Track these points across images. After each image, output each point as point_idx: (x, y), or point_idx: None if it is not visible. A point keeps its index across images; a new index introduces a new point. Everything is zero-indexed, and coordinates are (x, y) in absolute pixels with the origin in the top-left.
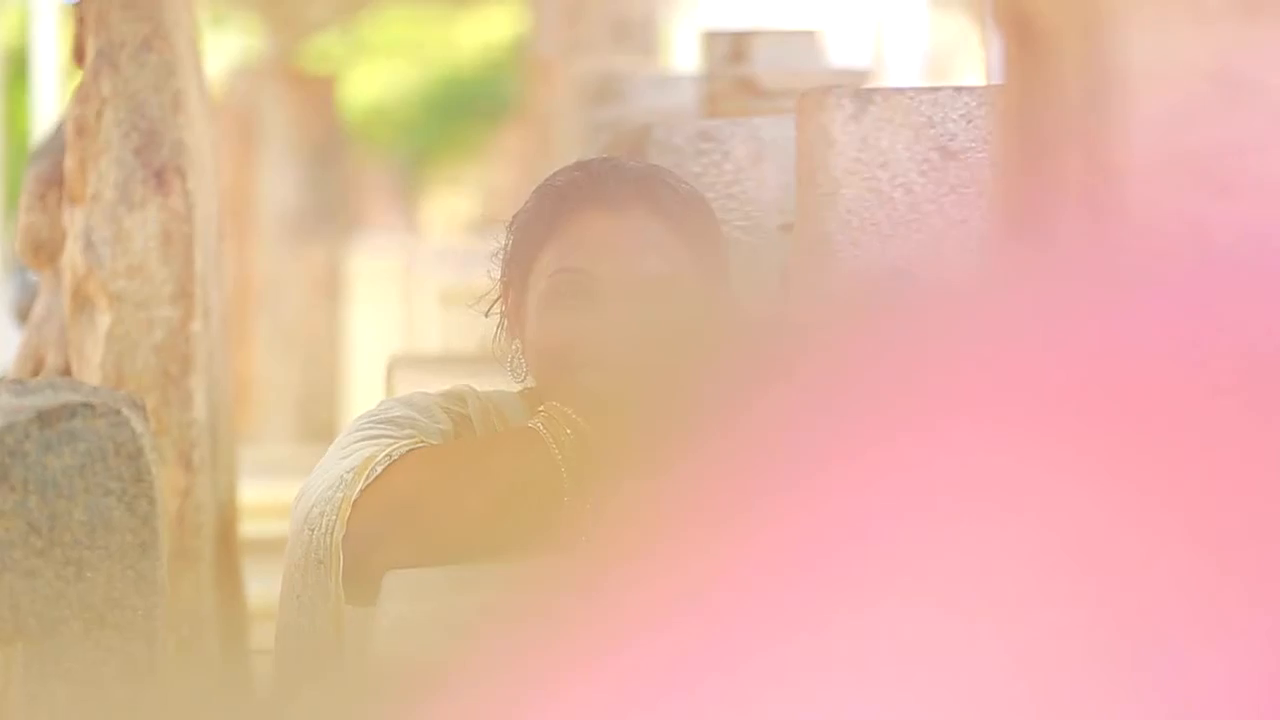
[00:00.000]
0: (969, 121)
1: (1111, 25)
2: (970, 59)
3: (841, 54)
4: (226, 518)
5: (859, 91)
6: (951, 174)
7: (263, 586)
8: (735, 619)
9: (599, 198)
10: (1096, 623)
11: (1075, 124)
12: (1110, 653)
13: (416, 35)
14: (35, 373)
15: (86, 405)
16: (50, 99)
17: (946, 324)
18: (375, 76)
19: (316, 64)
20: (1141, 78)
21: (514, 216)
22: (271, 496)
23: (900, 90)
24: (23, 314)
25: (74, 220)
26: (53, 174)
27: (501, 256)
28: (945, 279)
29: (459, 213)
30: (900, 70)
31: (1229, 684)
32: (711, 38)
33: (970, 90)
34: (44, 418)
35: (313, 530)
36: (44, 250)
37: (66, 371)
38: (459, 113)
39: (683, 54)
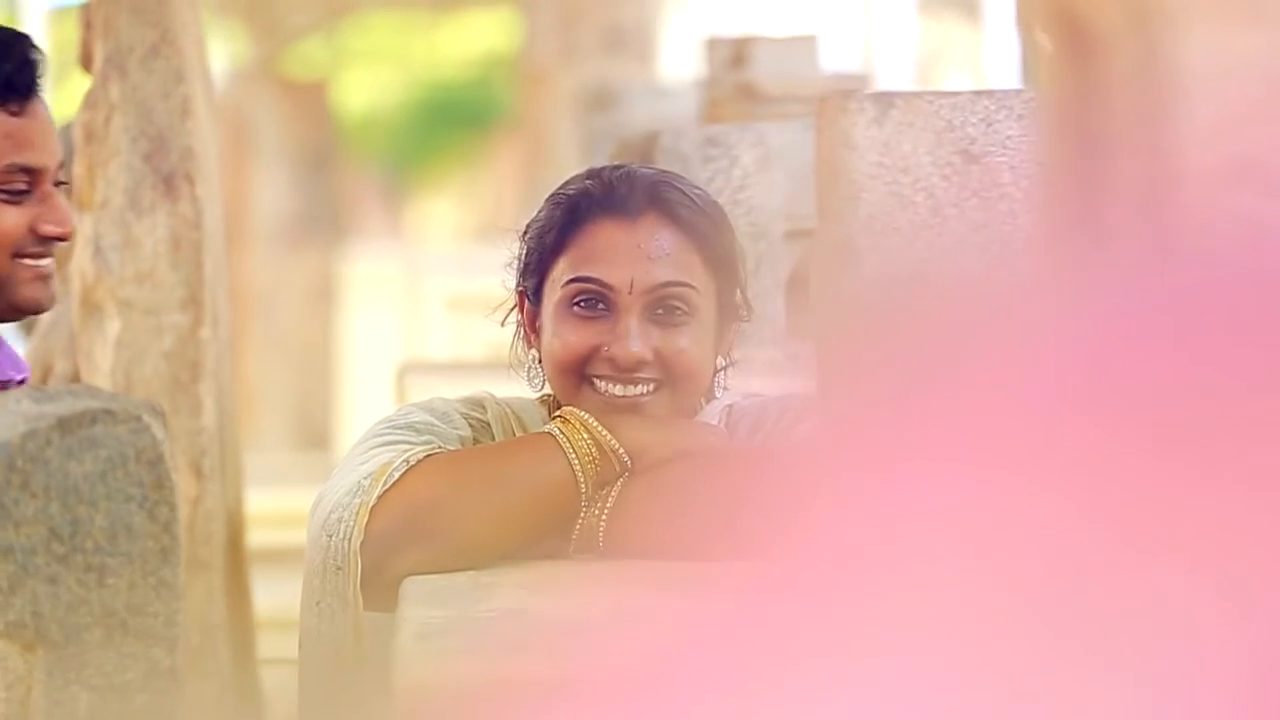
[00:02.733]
0: (988, 125)
1: (1167, 28)
2: (958, 61)
3: (834, 58)
4: (235, 526)
5: (880, 95)
6: (973, 178)
7: (260, 595)
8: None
9: (612, 205)
10: (1076, 623)
11: (1129, 127)
12: (1084, 653)
13: (400, 43)
14: (43, 380)
15: (107, 412)
16: None
17: (998, 327)
18: (360, 84)
19: (300, 71)
20: (1197, 80)
21: (526, 225)
22: (266, 504)
23: (919, 94)
24: (25, 322)
25: (82, 226)
26: None
27: (515, 266)
28: (994, 282)
29: (450, 220)
30: (891, 74)
31: (1201, 686)
32: (712, 44)
33: (989, 94)
34: (65, 424)
35: (330, 536)
36: None
37: (75, 378)
38: (448, 120)
39: (676, 60)
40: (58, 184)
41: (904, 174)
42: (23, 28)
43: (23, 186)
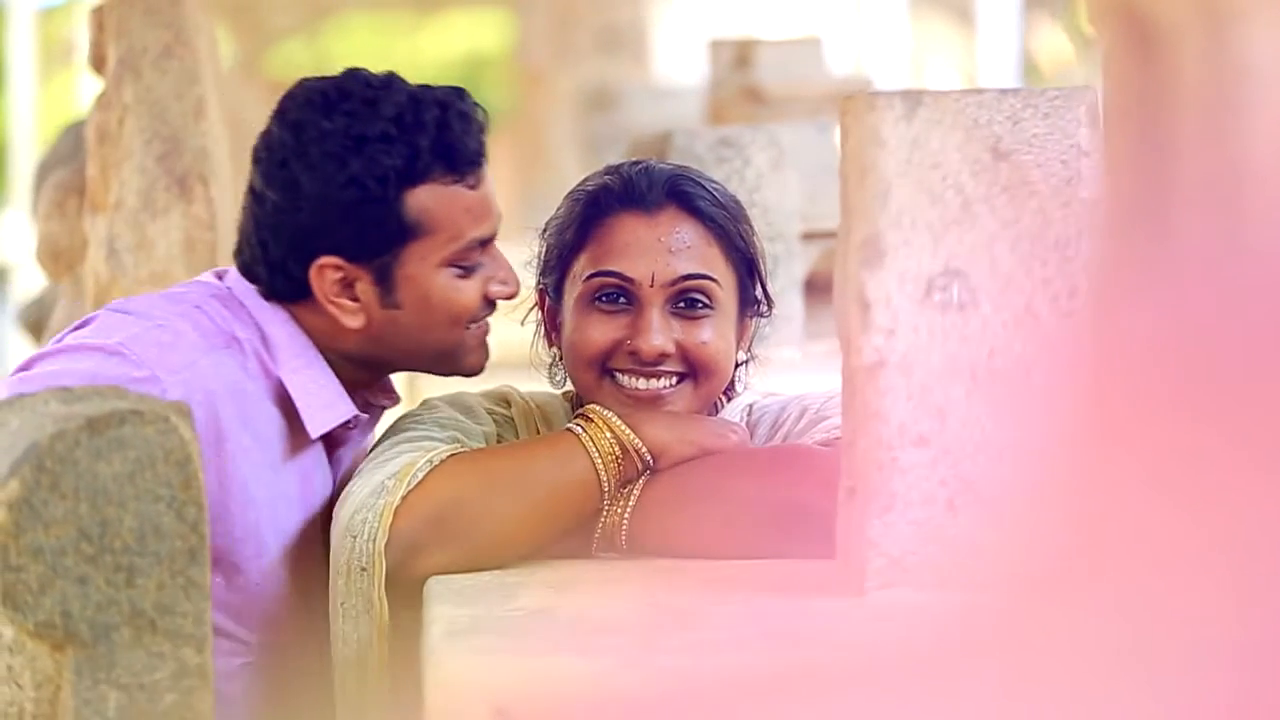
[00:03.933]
0: (1015, 123)
1: (1236, 24)
2: (949, 63)
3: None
4: None
5: (908, 93)
6: (1002, 175)
7: None
8: None
9: (631, 200)
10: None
11: (1196, 124)
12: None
13: (382, 44)
14: None
15: (135, 412)
16: (25, 102)
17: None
18: None
19: (283, 72)
20: (1265, 77)
21: (546, 223)
22: None
23: (947, 92)
24: (29, 324)
25: (95, 228)
26: (72, 182)
27: (535, 264)
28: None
29: None
30: (883, 75)
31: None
32: (716, 46)
33: (1015, 92)
34: (94, 425)
35: (355, 537)
36: (63, 258)
37: None
38: None
39: (670, 61)
40: None
41: (934, 170)
42: (12, 25)
43: (478, 260)
